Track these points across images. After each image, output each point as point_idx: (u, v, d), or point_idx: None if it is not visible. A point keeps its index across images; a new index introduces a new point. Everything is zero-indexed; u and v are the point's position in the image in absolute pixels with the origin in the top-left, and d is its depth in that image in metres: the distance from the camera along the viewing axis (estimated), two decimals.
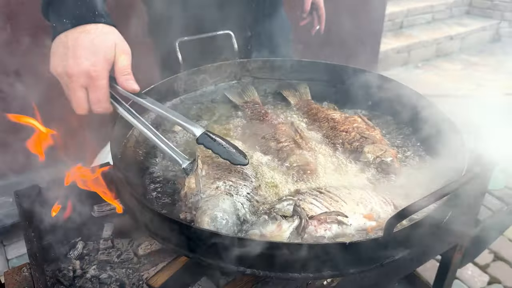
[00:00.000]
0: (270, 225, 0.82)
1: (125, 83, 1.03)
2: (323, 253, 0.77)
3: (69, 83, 0.96)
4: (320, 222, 0.84)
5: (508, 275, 2.80)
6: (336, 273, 0.81)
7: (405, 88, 1.36)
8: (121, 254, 1.24)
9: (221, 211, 0.89)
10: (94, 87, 0.98)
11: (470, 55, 5.90)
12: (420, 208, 0.74)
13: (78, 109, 1.00)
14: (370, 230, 0.86)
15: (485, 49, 6.11)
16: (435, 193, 0.76)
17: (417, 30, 5.78)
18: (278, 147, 1.17)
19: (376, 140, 1.18)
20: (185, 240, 0.83)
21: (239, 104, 1.47)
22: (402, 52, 5.38)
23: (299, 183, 1.05)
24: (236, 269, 0.82)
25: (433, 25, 6.00)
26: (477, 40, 6.10)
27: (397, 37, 5.55)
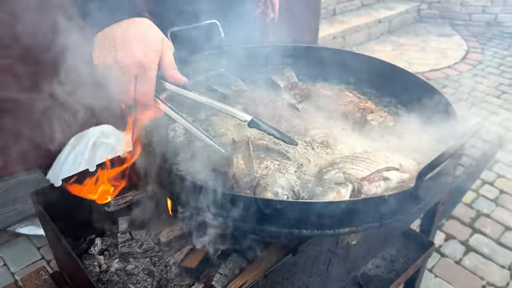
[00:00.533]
0: (330, 193, 0.90)
1: (177, 75, 1.06)
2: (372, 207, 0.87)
3: (120, 73, 0.96)
4: (370, 181, 0.93)
5: (460, 231, 3.12)
6: (375, 224, 0.91)
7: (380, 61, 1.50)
8: (142, 244, 1.26)
9: (280, 187, 0.94)
10: (145, 77, 0.98)
11: (398, 37, 6.33)
12: (446, 158, 0.86)
13: (126, 99, 0.99)
14: (407, 180, 0.97)
15: (411, 30, 6.58)
16: (453, 146, 0.88)
17: (348, 16, 6.09)
18: (291, 126, 1.25)
19: (373, 109, 1.30)
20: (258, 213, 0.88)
21: (228, 94, 1.52)
22: (338, 38, 5.65)
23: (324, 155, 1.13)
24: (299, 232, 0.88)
25: (363, 10, 6.35)
26: (402, 22, 6.55)
27: (332, 23, 5.82)
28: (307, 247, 0.95)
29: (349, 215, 0.88)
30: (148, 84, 0.99)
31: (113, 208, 1.26)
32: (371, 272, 1.32)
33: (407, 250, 1.38)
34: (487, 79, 5.30)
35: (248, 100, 1.45)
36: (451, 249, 2.96)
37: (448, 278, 2.77)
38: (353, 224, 0.89)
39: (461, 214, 3.23)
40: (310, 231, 0.88)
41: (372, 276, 1.30)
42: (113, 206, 1.25)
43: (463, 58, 5.76)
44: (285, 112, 1.32)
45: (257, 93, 1.53)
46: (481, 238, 3.07)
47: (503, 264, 2.88)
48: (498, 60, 5.79)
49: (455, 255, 2.93)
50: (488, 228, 3.15)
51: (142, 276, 1.18)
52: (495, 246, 3.01)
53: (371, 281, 1.28)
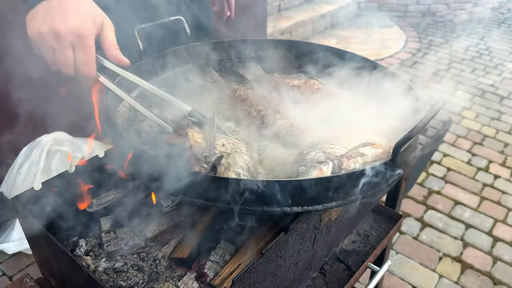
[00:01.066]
0: (313, 171, 0.96)
1: (119, 55, 1.07)
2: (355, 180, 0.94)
3: (55, 42, 0.94)
4: (348, 158, 1.00)
5: (415, 209, 3.33)
6: (360, 196, 0.99)
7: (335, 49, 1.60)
8: (128, 242, 1.26)
9: (240, 168, 1.00)
10: (83, 46, 0.97)
11: (341, 30, 6.57)
12: (419, 131, 0.94)
13: (65, 69, 0.98)
14: (381, 155, 1.05)
15: (352, 24, 6.85)
16: (425, 118, 0.97)
17: (293, 12, 6.24)
18: (260, 115, 1.30)
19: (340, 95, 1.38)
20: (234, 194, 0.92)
21: (204, 85, 1.55)
22: (285, 33, 5.77)
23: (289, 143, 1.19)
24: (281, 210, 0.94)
25: (306, 6, 6.53)
26: (344, 16, 6.80)
27: (278, 19, 5.93)
28: (297, 225, 1.00)
29: (335, 189, 0.94)
30: (86, 53, 0.98)
31: (95, 208, 1.25)
32: (348, 247, 1.40)
33: (379, 224, 1.48)
34: (426, 65, 5.64)
35: (221, 91, 1.49)
36: (408, 226, 3.15)
37: (408, 253, 2.95)
38: (340, 198, 0.96)
39: (414, 193, 3.44)
40: (301, 208, 0.94)
41: (350, 251, 1.38)
42: (96, 206, 1.24)
43: (403, 48, 6.08)
44: (256, 104, 1.37)
45: (230, 86, 1.57)
46: (434, 214, 3.29)
47: (456, 236, 3.10)
48: (435, 47, 6.18)
49: (412, 231, 3.12)
50: (440, 204, 3.38)
51: (132, 272, 1.18)
52: (448, 220, 3.23)
53: (350, 256, 1.36)
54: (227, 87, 1.51)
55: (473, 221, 3.23)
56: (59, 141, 3.17)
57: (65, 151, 3.09)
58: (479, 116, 4.55)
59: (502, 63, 5.75)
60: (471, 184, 3.61)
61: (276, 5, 6.15)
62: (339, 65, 1.54)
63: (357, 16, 7.07)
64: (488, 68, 5.60)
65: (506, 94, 4.98)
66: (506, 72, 5.49)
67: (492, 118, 4.52)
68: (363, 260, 1.35)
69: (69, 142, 3.20)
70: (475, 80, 5.29)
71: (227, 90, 1.48)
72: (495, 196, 3.48)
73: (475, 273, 2.82)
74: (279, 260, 1.02)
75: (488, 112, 4.63)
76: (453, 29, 6.84)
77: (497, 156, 3.95)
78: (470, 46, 6.23)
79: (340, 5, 6.70)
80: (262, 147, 1.18)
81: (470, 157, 3.93)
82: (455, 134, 4.21)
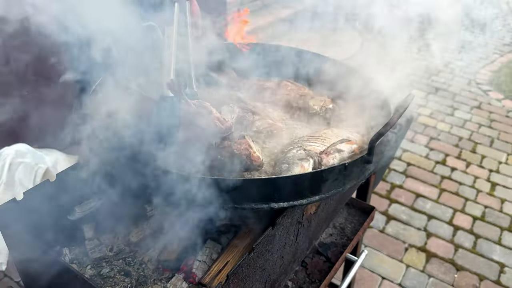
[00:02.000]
0: (295, 168, 1.01)
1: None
2: (335, 174, 1.00)
3: None
4: (327, 154, 1.06)
5: (379, 203, 3.46)
6: (340, 189, 1.05)
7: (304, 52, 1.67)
8: (112, 248, 1.27)
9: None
10: None
11: (301, 33, 6.71)
12: (392, 125, 1.02)
13: None
14: (356, 150, 1.12)
15: (311, 27, 7.01)
16: (396, 114, 1.05)
17: (252, 17, 6.32)
18: (239, 117, 1.34)
19: (312, 95, 1.44)
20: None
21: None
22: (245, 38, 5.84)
23: (270, 141, 1.25)
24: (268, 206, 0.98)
25: (265, 10, 6.63)
26: (302, 19, 6.95)
27: None
28: (283, 219, 1.05)
29: (318, 184, 1.00)
30: None
31: (77, 216, 1.25)
32: (326, 240, 1.47)
33: (353, 217, 1.55)
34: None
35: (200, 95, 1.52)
36: (375, 220, 3.28)
37: (376, 246, 3.07)
38: (322, 192, 1.02)
39: (378, 188, 3.58)
40: (287, 203, 0.99)
41: (328, 243, 1.45)
42: (78, 213, 1.24)
43: (360, 49, 6.29)
44: (233, 106, 1.41)
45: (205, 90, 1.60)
46: (398, 207, 3.43)
47: (419, 227, 3.26)
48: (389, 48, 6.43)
49: (379, 225, 3.25)
50: (403, 197, 3.54)
51: (119, 277, 1.19)
52: (411, 212, 3.39)
53: (328, 248, 1.43)
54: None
55: (435, 212, 3.40)
56: (21, 153, 3.08)
57: (28, 163, 3.01)
58: (434, 112, 4.79)
59: (452, 61, 6.08)
60: (430, 177, 3.79)
61: (235, 10, 6.22)
62: (309, 66, 1.61)
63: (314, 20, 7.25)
64: (440, 66, 5.90)
65: (457, 91, 5.27)
66: (456, 70, 5.80)
67: (446, 114, 4.77)
68: (341, 251, 1.41)
69: (31, 154, 3.11)
70: (429, 78, 5.55)
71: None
72: (453, 187, 3.67)
73: (439, 261, 2.98)
74: (267, 254, 1.06)
75: (442, 108, 4.88)
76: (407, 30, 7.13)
77: (452, 149, 4.18)
78: (422, 46, 6.54)
79: (298, 9, 6.86)
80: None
81: (428, 152, 4.13)
82: (412, 130, 4.40)
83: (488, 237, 3.20)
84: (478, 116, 4.76)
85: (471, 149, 4.18)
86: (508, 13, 8.14)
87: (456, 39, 6.81)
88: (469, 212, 3.43)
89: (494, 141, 4.33)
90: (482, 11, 8.05)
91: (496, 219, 3.36)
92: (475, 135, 4.41)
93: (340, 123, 1.33)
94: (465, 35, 7.04)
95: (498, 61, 6.09)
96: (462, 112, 4.84)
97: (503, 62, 6.09)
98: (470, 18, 7.65)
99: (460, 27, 7.17)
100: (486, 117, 4.75)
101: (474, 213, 3.41)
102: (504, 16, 7.99)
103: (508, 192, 3.64)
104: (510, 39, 6.94)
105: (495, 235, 3.21)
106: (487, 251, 3.07)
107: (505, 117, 4.75)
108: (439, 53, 6.35)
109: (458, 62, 6.09)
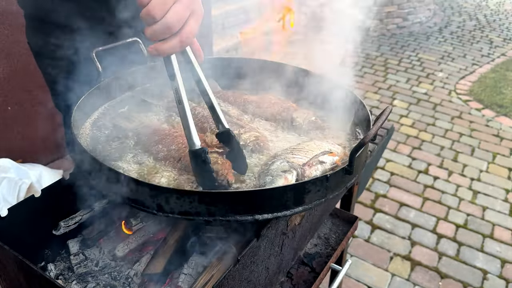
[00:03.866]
0: (279, 180, 1.03)
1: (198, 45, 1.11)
2: (318, 186, 1.02)
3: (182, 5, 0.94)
4: (310, 166, 1.09)
5: (364, 213, 3.50)
6: (322, 200, 1.07)
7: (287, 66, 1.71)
8: (98, 262, 1.27)
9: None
10: (198, 16, 0.98)
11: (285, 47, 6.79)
12: (372, 136, 1.05)
13: (172, 26, 0.94)
14: (338, 162, 1.15)
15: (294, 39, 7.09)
16: (374, 126, 1.08)
17: (237, 30, 6.39)
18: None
19: (295, 108, 1.47)
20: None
21: (157, 104, 1.58)
22: (231, 50, 5.90)
23: (257, 154, 1.27)
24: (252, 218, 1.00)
25: (250, 23, 6.70)
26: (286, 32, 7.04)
27: (223, 37, 6.05)
28: (267, 231, 1.07)
29: (301, 195, 1.02)
30: (198, 23, 0.99)
31: (62, 231, 1.25)
32: (311, 250, 1.49)
33: (337, 227, 1.58)
34: (364, 78, 5.97)
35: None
36: (360, 230, 3.32)
37: (362, 255, 3.10)
38: (305, 203, 1.04)
39: (363, 197, 3.63)
40: (271, 214, 1.01)
41: (313, 253, 1.47)
42: (63, 228, 1.24)
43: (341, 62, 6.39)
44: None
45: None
46: (382, 216, 3.48)
47: (403, 236, 3.30)
48: (371, 60, 6.55)
49: (364, 234, 3.28)
50: (387, 206, 3.59)
51: None
52: (395, 221, 3.44)
53: (313, 258, 1.45)
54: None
55: (418, 221, 3.46)
56: (4, 168, 3.05)
57: (12, 178, 2.97)
58: (416, 122, 4.88)
59: (433, 72, 6.22)
60: (413, 186, 3.86)
61: (220, 23, 6.28)
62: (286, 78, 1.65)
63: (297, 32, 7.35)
64: (421, 77, 6.03)
65: (438, 101, 5.39)
66: (437, 81, 5.94)
67: (428, 124, 4.86)
68: (325, 261, 1.44)
69: (15, 169, 3.09)
70: (410, 90, 5.67)
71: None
72: (436, 196, 3.74)
73: (423, 269, 3.02)
74: (253, 266, 1.08)
75: (424, 118, 4.98)
76: (386, 43, 7.29)
77: (434, 158, 4.26)
78: (403, 58, 6.68)
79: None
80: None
81: (411, 161, 4.20)
82: (395, 141, 4.48)
83: (471, 244, 3.26)
84: (459, 125, 4.86)
85: (453, 158, 4.27)
86: (485, 25, 8.38)
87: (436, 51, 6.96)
88: (452, 220, 3.49)
89: (475, 150, 4.43)
90: (461, 23, 8.28)
91: (479, 227, 3.43)
92: (456, 144, 4.50)
93: (322, 136, 1.35)
94: (444, 46, 7.21)
95: (477, 72, 6.25)
96: (443, 122, 4.94)
97: (482, 72, 6.25)
98: (449, 30, 7.85)
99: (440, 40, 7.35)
100: (467, 126, 4.86)
101: (457, 221, 3.48)
102: (481, 28, 8.22)
103: (489, 200, 3.72)
104: (488, 50, 7.14)
105: (477, 243, 3.27)
106: (470, 258, 3.13)
107: (485, 126, 4.87)
108: (419, 65, 6.49)
109: (439, 73, 6.22)
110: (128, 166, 1.19)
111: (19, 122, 3.50)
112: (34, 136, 3.49)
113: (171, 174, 1.14)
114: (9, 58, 3.22)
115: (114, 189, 1.05)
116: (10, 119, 3.43)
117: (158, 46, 0.96)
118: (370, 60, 6.57)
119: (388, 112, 1.14)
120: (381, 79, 5.93)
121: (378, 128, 1.08)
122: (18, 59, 3.23)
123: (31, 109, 3.45)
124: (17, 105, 3.42)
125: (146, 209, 1.03)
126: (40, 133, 3.24)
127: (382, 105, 5.17)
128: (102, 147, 1.27)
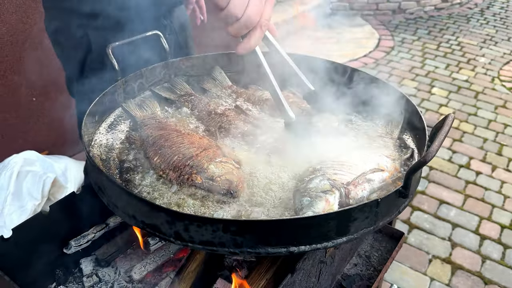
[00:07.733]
0: (319, 203, 0.87)
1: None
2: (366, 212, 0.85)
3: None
4: (355, 185, 0.92)
5: None
6: (370, 228, 0.90)
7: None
8: (112, 285, 1.14)
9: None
10: (271, 1, 1.05)
11: (314, 31, 6.53)
12: (434, 154, 0.86)
13: (237, 7, 0.95)
14: (387, 179, 0.97)
15: (325, 24, 6.82)
16: (438, 138, 0.89)
17: None
18: (243, 131, 1.21)
19: None
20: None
21: (175, 99, 1.43)
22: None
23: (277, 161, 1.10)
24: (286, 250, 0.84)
25: (278, 6, 6.46)
26: (316, 16, 6.77)
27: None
28: (303, 263, 0.91)
29: (345, 224, 0.86)
30: (272, 8, 1.05)
31: (73, 250, 1.12)
32: (350, 271, 1.32)
33: (380, 243, 1.40)
34: (400, 63, 5.65)
35: (194, 105, 1.39)
36: None
37: (398, 257, 2.90)
38: (350, 232, 0.87)
39: None
40: (309, 247, 0.84)
41: (353, 275, 1.30)
42: (74, 247, 1.12)
43: (377, 46, 6.09)
44: (233, 117, 1.28)
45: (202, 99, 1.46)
46: (420, 215, 3.26)
47: (443, 236, 3.08)
48: (407, 45, 6.21)
49: None
50: (425, 204, 3.36)
51: None
52: (434, 220, 3.21)
53: (353, 281, 1.28)
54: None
55: (459, 220, 3.22)
56: (29, 161, 2.99)
57: (36, 172, 2.91)
58: (456, 112, 4.58)
59: (474, 57, 5.83)
60: (454, 182, 3.60)
61: None
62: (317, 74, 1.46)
63: (329, 16, 7.06)
64: (461, 63, 5.67)
65: (480, 89, 5.04)
66: (478, 67, 5.57)
67: (469, 114, 4.55)
68: (367, 285, 1.27)
69: (40, 162, 3.02)
70: (450, 76, 5.33)
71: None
72: (479, 193, 3.48)
73: (465, 273, 2.80)
74: None
75: (464, 108, 4.67)
76: (424, 26, 6.91)
77: (477, 152, 3.97)
78: (442, 42, 6.30)
79: (312, 5, 6.67)
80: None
81: (451, 155, 3.94)
82: None
83: None
84: (503, 115, 4.53)
85: (497, 151, 3.98)
86: None
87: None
88: (496, 220, 3.23)
89: None
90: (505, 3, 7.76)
91: None
92: (501, 136, 4.19)
93: (357, 144, 1.17)
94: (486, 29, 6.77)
95: None
96: (485, 111, 4.62)
97: None
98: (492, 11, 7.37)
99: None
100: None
101: (501, 221, 3.22)
102: None
103: None
104: None
105: None
106: None
107: None
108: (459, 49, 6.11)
109: (481, 58, 5.84)
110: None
111: (45, 113, 3.44)
112: (59, 127, 3.43)
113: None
114: (33, 48, 3.15)
115: (127, 210, 0.91)
116: (36, 110, 3.38)
117: (245, 45, 1.02)
118: (407, 44, 6.22)
119: (451, 122, 0.95)
120: (418, 65, 5.60)
121: (441, 144, 0.89)
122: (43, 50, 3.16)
123: (56, 100, 3.39)
124: (42, 96, 3.36)
125: (162, 236, 0.89)
126: (66, 124, 3.19)
127: (420, 94, 4.88)
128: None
